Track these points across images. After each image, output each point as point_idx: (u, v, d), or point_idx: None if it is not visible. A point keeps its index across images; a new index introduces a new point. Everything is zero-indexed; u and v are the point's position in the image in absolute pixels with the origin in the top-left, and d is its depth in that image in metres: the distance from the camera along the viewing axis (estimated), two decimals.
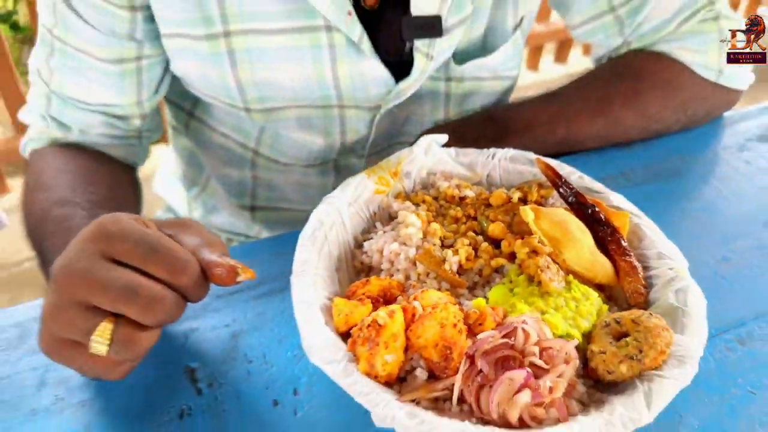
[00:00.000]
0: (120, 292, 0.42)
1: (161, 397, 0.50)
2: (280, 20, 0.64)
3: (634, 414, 0.45)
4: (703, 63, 0.74)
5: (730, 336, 0.56)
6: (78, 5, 0.64)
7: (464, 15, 0.68)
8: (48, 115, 0.71)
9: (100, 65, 0.67)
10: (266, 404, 0.50)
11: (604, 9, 0.74)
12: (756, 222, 0.67)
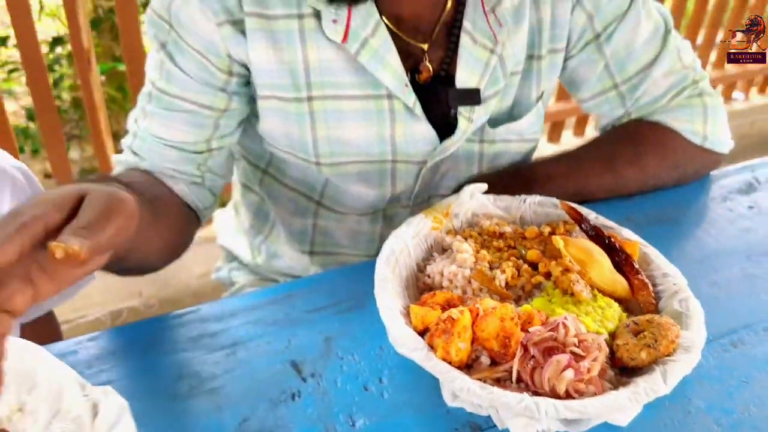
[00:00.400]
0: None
1: (275, 384, 0.62)
2: (353, 89, 0.80)
3: (654, 386, 0.58)
4: (691, 130, 0.90)
5: (725, 341, 0.70)
6: (181, 61, 0.77)
7: (498, 88, 0.84)
8: (129, 149, 0.82)
9: (189, 107, 0.78)
10: (359, 389, 0.62)
11: (608, 86, 0.91)
12: (740, 255, 0.81)
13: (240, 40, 0.76)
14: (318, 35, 0.77)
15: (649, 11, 0.89)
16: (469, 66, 0.82)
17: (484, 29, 0.81)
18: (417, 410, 0.61)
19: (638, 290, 0.69)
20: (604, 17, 0.87)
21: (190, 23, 0.75)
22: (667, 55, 0.89)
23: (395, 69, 0.79)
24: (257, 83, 0.80)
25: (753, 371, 0.66)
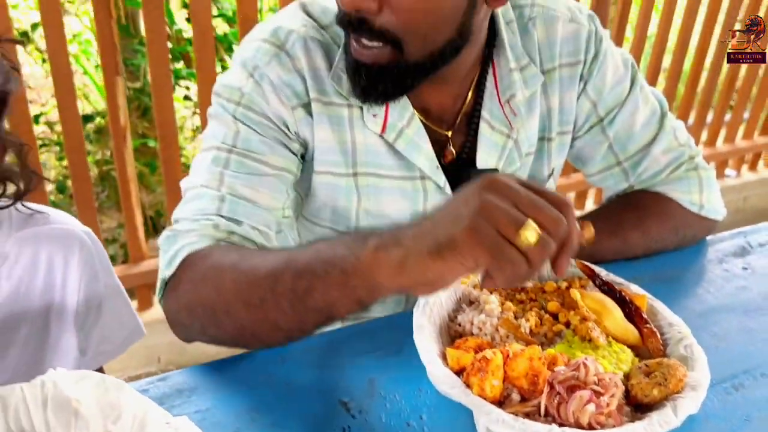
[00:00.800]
0: (542, 205, 0.58)
1: (328, 419, 0.70)
2: (392, 170, 0.91)
3: (666, 419, 0.65)
4: (689, 200, 1.00)
5: (727, 384, 0.78)
6: (258, 130, 0.86)
7: (514, 168, 0.95)
8: (220, 215, 0.83)
9: (271, 172, 0.86)
10: (402, 425, 0.70)
11: (613, 163, 1.02)
12: (737, 311, 0.90)
13: (309, 121, 0.87)
14: (362, 123, 0.89)
15: (646, 97, 1.01)
16: (488, 149, 0.94)
17: (501, 118, 0.93)
18: None
19: (647, 337, 0.77)
20: (606, 104, 0.99)
21: (263, 104, 0.86)
22: (665, 135, 1.00)
23: (428, 154, 0.91)
24: (316, 159, 0.90)
25: (754, 411, 0.74)
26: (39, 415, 0.65)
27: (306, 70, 0.87)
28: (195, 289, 0.78)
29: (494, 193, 0.58)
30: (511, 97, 0.92)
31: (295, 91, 0.87)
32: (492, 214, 0.57)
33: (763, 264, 1.01)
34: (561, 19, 0.95)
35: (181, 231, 0.83)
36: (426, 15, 0.78)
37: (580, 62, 0.96)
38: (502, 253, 0.57)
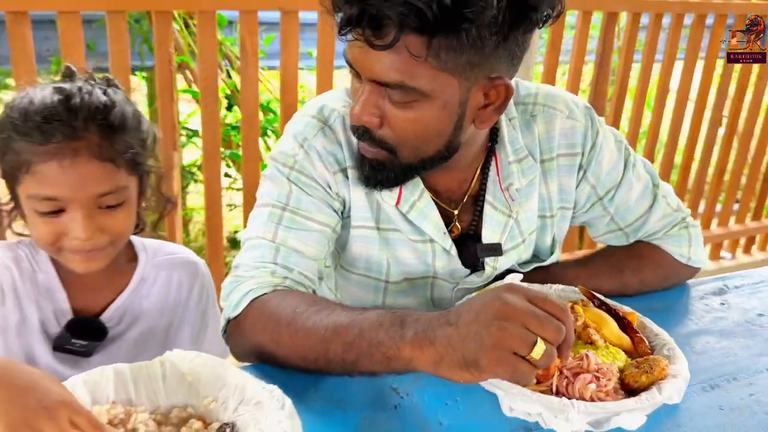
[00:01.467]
0: (549, 324, 0.72)
1: (382, 399, 0.87)
2: (405, 234, 1.09)
3: (652, 396, 0.83)
4: (678, 253, 1.19)
5: (705, 384, 0.95)
6: (307, 191, 1.04)
7: (516, 243, 1.14)
8: (277, 263, 0.99)
9: (317, 227, 1.04)
10: (441, 405, 0.87)
11: (615, 228, 1.21)
12: (715, 334, 1.08)
13: (346, 183, 1.07)
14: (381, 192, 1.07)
15: (638, 174, 1.19)
16: (491, 227, 1.12)
17: (502, 200, 1.11)
18: (484, 418, 0.86)
19: (638, 343, 0.95)
20: (605, 186, 1.17)
21: (312, 169, 1.05)
22: (659, 205, 1.19)
23: (436, 222, 1.09)
24: (353, 216, 1.08)
25: (725, 403, 0.91)
26: (160, 386, 0.83)
27: (344, 143, 1.06)
28: (256, 336, 0.93)
29: (509, 321, 0.72)
30: (509, 185, 1.11)
31: (336, 158, 1.06)
32: (509, 341, 0.72)
33: (737, 301, 1.19)
34: (560, 116, 1.12)
35: (244, 277, 0.99)
36: (416, 134, 0.95)
37: (578, 153, 1.14)
38: (517, 369, 0.72)
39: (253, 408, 0.79)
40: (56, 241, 0.94)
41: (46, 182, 0.90)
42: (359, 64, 0.92)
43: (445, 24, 0.83)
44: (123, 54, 1.79)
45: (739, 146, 3.04)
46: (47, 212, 0.92)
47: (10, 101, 0.95)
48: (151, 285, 1.09)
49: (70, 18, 1.71)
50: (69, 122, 0.90)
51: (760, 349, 1.05)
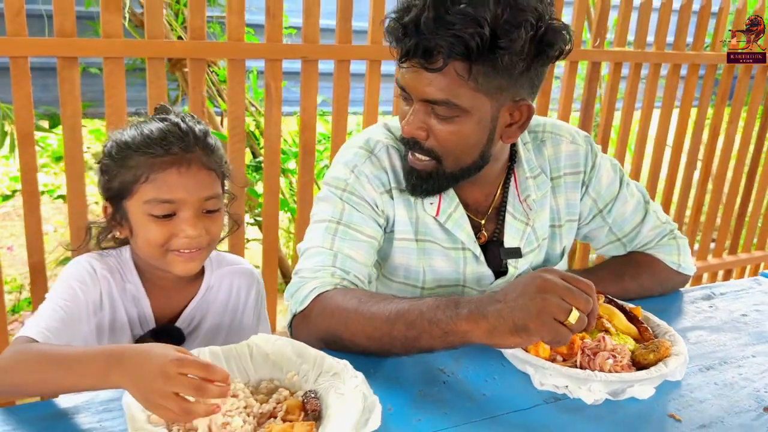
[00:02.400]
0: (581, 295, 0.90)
1: (432, 376, 1.03)
2: (441, 242, 1.27)
3: (660, 369, 0.99)
4: (670, 260, 1.37)
5: (701, 365, 1.11)
6: (358, 208, 1.21)
7: (533, 247, 1.32)
8: (335, 267, 1.16)
9: (365, 239, 1.21)
10: (481, 381, 1.03)
11: (613, 239, 1.39)
12: (706, 329, 1.25)
13: (391, 203, 1.25)
14: (422, 206, 1.26)
15: (632, 191, 1.39)
16: (512, 233, 1.30)
17: (521, 211, 1.31)
18: (519, 391, 1.01)
19: (643, 331, 1.12)
20: (604, 200, 1.36)
21: (362, 190, 1.23)
22: (649, 217, 1.39)
23: (468, 231, 1.27)
24: (396, 230, 1.26)
25: (720, 380, 1.08)
26: (249, 364, 0.98)
27: (388, 168, 1.25)
28: (325, 322, 1.09)
29: (549, 293, 0.90)
30: (527, 196, 1.30)
31: (382, 182, 1.25)
32: (551, 309, 0.90)
33: (724, 304, 1.37)
34: (565, 141, 1.34)
35: (307, 278, 1.16)
36: (457, 144, 1.15)
37: (581, 172, 1.34)
38: (558, 333, 0.90)
39: (331, 378, 0.94)
40: (166, 242, 1.09)
41: (166, 187, 1.07)
42: (411, 87, 1.12)
43: (484, 52, 1.04)
44: (161, 98, 1.97)
45: (714, 187, 3.27)
46: (162, 216, 1.08)
47: (113, 135, 1.14)
48: (216, 292, 1.24)
49: (114, 63, 1.89)
50: (183, 138, 1.09)
51: (745, 341, 1.22)
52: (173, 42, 2.06)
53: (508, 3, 1.03)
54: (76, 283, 1.10)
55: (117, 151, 1.10)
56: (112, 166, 1.10)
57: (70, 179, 1.93)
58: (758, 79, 3.10)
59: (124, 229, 1.13)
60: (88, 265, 1.13)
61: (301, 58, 2.11)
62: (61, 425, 0.88)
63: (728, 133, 3.16)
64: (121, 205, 1.11)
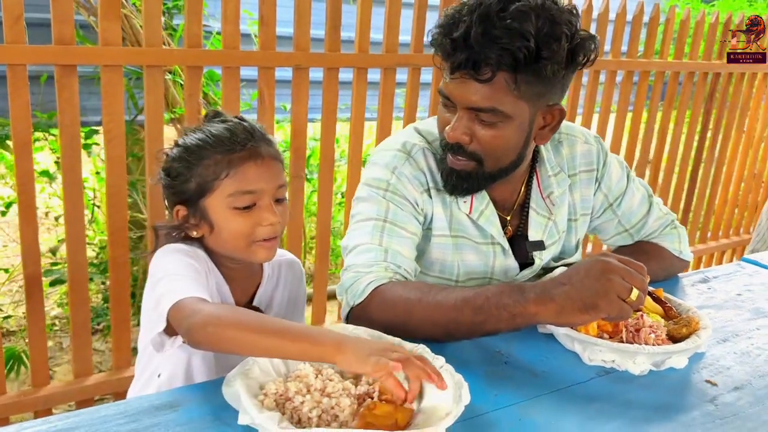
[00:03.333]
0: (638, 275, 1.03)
1: (492, 357, 1.11)
2: (474, 237, 1.36)
3: (695, 341, 1.12)
4: (672, 248, 1.51)
5: (718, 338, 1.25)
6: (401, 206, 1.28)
7: (554, 240, 1.43)
8: (388, 262, 1.23)
9: (409, 235, 1.29)
10: (536, 360, 1.12)
11: (621, 231, 1.52)
12: (710, 307, 1.39)
13: (430, 201, 1.33)
14: (456, 204, 1.35)
15: (638, 186, 1.53)
16: (535, 228, 1.41)
17: (543, 207, 1.41)
18: (572, 367, 1.11)
19: (668, 310, 1.25)
20: (614, 194, 1.49)
21: (404, 190, 1.30)
22: (654, 209, 1.52)
23: (497, 227, 1.37)
24: (434, 227, 1.35)
25: (737, 350, 1.21)
26: None
27: (425, 169, 1.34)
28: (386, 312, 1.16)
29: (613, 274, 1.03)
30: (550, 193, 1.41)
31: (421, 181, 1.33)
32: (616, 288, 1.02)
33: (719, 287, 1.52)
34: (579, 141, 1.46)
35: (362, 272, 1.22)
36: (499, 147, 1.24)
37: (594, 170, 1.46)
38: (622, 309, 1.03)
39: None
40: (251, 232, 1.14)
41: (246, 179, 1.13)
42: (457, 96, 1.20)
43: (529, 63, 1.13)
44: (159, 106, 1.98)
45: (662, 185, 3.50)
46: (244, 207, 1.14)
47: (179, 140, 1.18)
48: (275, 278, 1.33)
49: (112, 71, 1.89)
50: (252, 134, 1.16)
51: (747, 316, 1.36)
52: (171, 50, 2.07)
53: (547, 17, 1.14)
54: (189, 259, 1.12)
55: (191, 153, 1.13)
56: (186, 169, 1.14)
57: (68, 187, 1.91)
58: (699, 84, 3.35)
59: (201, 228, 1.17)
60: (183, 245, 1.17)
61: (294, 66, 2.16)
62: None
63: (674, 134, 3.40)
64: (198, 205, 1.15)
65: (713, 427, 0.97)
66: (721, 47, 3.30)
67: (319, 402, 0.91)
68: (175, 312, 1.00)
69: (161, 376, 1.20)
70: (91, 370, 2.12)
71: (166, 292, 1.03)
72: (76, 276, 1.99)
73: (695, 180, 3.63)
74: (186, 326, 0.97)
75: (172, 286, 1.04)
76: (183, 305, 1.00)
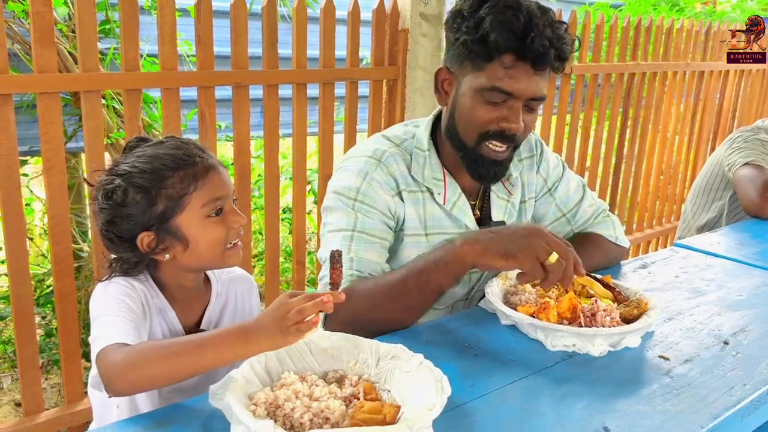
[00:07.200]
0: (563, 244, 1.16)
1: (463, 352, 1.17)
2: (449, 228, 1.43)
3: (646, 320, 1.20)
4: (608, 234, 1.61)
5: (663, 318, 1.34)
6: (370, 215, 1.34)
7: (513, 220, 1.52)
8: (353, 270, 1.31)
9: (378, 241, 1.34)
10: (504, 350, 1.18)
11: (559, 215, 1.61)
12: (652, 290, 1.49)
13: (401, 204, 1.40)
14: (431, 201, 1.42)
15: (572, 175, 1.64)
16: (496, 209, 1.51)
17: (503, 190, 1.52)
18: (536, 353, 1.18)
19: (617, 294, 1.34)
20: (551, 179, 1.60)
21: (375, 195, 1.37)
22: (587, 195, 1.64)
23: (470, 215, 1.46)
24: (406, 227, 1.41)
25: (682, 327, 1.31)
26: (312, 358, 1.06)
27: (397, 173, 1.41)
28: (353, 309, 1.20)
29: (537, 237, 1.18)
30: (508, 176, 1.51)
31: (391, 186, 1.39)
32: (536, 248, 1.17)
33: (658, 270, 1.63)
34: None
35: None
36: (531, 130, 1.41)
37: (534, 156, 1.59)
38: (535, 267, 1.17)
39: (391, 360, 1.05)
40: (226, 237, 1.18)
41: (214, 187, 1.17)
42: (520, 90, 1.31)
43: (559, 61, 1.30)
44: (99, 131, 1.95)
45: (588, 183, 3.68)
46: (215, 214, 1.17)
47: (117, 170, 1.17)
48: (224, 297, 1.33)
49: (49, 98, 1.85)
50: (199, 147, 1.21)
51: (686, 296, 1.48)
52: (110, 74, 2.04)
53: (565, 26, 1.32)
54: (124, 297, 1.13)
55: (148, 179, 1.14)
56: (145, 195, 1.14)
57: (7, 219, 1.85)
58: (617, 86, 3.55)
59: (172, 249, 1.17)
60: (123, 281, 1.17)
61: (234, 84, 2.17)
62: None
63: (597, 134, 3.58)
64: (168, 226, 1.15)
65: (672, 396, 1.06)
66: (634, 49, 3.51)
67: (309, 407, 0.93)
68: (98, 361, 1.02)
69: (119, 407, 1.21)
70: (42, 407, 2.05)
71: (96, 338, 1.05)
72: (21, 311, 1.93)
73: (618, 176, 3.82)
74: (105, 380, 1.00)
75: (101, 332, 1.06)
76: (104, 354, 1.02)
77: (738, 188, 2.31)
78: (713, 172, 2.53)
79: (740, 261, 1.72)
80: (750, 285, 1.55)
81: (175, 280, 1.23)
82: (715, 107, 4.30)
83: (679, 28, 3.74)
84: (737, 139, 2.41)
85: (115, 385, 0.99)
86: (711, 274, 1.62)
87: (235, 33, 2.14)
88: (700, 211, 2.58)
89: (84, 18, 1.86)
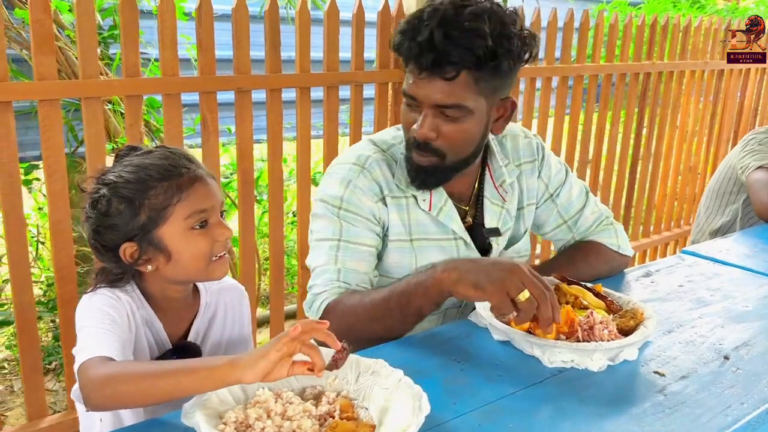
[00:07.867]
0: (538, 285, 1.09)
1: (448, 367, 1.13)
2: (435, 234, 1.41)
3: (643, 332, 1.16)
4: (609, 243, 1.57)
5: (663, 331, 1.30)
6: (355, 223, 1.33)
7: (508, 227, 1.49)
8: (340, 281, 1.31)
9: (366, 249, 1.33)
10: (496, 365, 1.15)
11: (560, 222, 1.58)
12: (654, 300, 1.44)
13: (385, 209, 1.38)
14: (416, 207, 1.40)
15: (575, 180, 1.60)
16: (490, 216, 1.47)
17: (496, 196, 1.48)
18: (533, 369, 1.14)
19: (610, 304, 1.29)
20: (553, 185, 1.56)
21: (359, 203, 1.35)
22: (590, 202, 1.59)
23: (458, 222, 1.43)
24: (390, 233, 1.39)
25: (681, 339, 1.26)
26: None
27: (381, 179, 1.39)
28: (338, 322, 1.21)
29: (513, 273, 1.12)
30: (502, 182, 1.48)
31: (375, 192, 1.38)
32: (507, 284, 1.11)
33: (661, 279, 1.58)
34: (520, 136, 1.54)
35: (319, 293, 1.33)
36: (461, 140, 1.32)
37: (536, 160, 1.54)
38: (503, 303, 1.12)
39: (371, 376, 1.03)
40: (210, 250, 1.16)
41: (199, 199, 1.15)
42: (423, 96, 1.27)
43: (487, 60, 1.22)
44: (99, 137, 1.95)
45: (603, 184, 3.61)
46: (200, 226, 1.15)
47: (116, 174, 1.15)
48: (213, 308, 1.31)
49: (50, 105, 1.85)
50: (186, 158, 1.18)
51: (689, 306, 1.43)
52: (109, 81, 2.05)
53: (497, 19, 1.23)
54: (108, 309, 1.12)
55: (132, 189, 1.12)
56: (129, 204, 1.12)
57: (9, 226, 1.86)
58: (632, 86, 3.48)
59: (155, 261, 1.15)
60: (108, 292, 1.16)
61: (236, 89, 2.16)
62: None
63: (611, 134, 3.51)
64: (150, 237, 1.14)
65: (663, 416, 1.02)
66: (650, 48, 3.44)
67: (280, 426, 0.91)
68: (79, 374, 1.01)
69: (103, 420, 1.20)
70: (45, 412, 2.06)
71: (78, 350, 1.04)
72: (23, 316, 1.94)
73: (634, 176, 3.75)
74: (84, 393, 0.99)
75: (83, 344, 1.05)
76: (85, 367, 1.00)
77: (751, 192, 2.24)
78: (727, 175, 2.46)
79: (749, 269, 1.66)
80: (757, 295, 1.50)
81: (161, 291, 1.22)
82: (735, 106, 4.20)
83: (697, 26, 3.66)
84: (751, 142, 2.34)
85: (93, 399, 0.99)
86: (717, 282, 1.57)
87: (236, 38, 2.13)
88: (713, 215, 2.51)
89: (83, 25, 1.85)
